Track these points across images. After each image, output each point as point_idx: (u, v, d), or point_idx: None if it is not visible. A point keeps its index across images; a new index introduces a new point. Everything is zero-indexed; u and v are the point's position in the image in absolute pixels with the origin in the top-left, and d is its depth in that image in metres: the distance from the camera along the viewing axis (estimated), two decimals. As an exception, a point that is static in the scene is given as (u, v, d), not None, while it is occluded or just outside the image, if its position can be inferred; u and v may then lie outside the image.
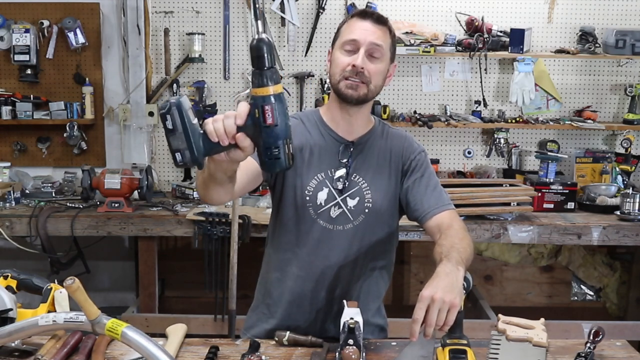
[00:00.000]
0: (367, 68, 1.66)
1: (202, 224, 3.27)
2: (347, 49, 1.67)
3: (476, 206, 3.29)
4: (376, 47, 1.67)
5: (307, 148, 1.75)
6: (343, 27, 1.72)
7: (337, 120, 1.77)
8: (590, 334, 1.63)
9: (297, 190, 1.73)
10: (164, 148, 3.98)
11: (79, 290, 1.29)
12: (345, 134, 1.77)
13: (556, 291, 4.11)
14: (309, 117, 1.82)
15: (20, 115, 3.76)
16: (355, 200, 1.74)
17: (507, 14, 3.85)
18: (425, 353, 1.57)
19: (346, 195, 1.74)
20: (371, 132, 1.80)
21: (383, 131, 1.82)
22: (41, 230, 3.27)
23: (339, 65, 1.68)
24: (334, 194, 1.73)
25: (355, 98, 1.69)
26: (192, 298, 3.96)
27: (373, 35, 1.66)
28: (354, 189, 1.74)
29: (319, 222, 1.74)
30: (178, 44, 3.89)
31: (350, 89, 1.67)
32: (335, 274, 1.75)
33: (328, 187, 1.73)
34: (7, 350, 1.58)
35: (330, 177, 1.74)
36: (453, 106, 3.95)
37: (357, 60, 1.65)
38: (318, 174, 1.74)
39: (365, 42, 1.66)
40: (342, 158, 1.75)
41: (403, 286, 4.09)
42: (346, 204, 1.74)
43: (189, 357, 1.60)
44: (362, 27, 1.67)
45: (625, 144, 3.80)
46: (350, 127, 1.77)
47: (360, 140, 1.77)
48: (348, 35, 1.68)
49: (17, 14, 3.78)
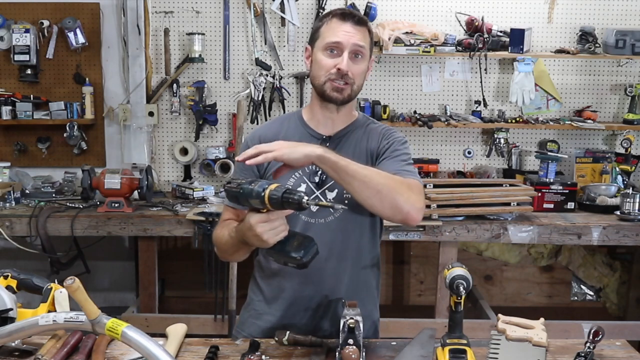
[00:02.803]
0: (351, 70, 1.70)
1: (202, 224, 3.27)
2: (330, 50, 1.71)
3: (476, 206, 3.29)
4: (359, 49, 1.71)
5: None
6: (323, 27, 1.74)
7: (318, 118, 1.80)
8: (590, 334, 1.63)
9: None
10: (164, 148, 3.98)
11: (79, 290, 1.29)
12: (324, 131, 1.80)
13: (556, 291, 4.11)
14: (290, 118, 1.87)
15: (20, 115, 3.76)
16: (334, 193, 1.75)
17: (507, 14, 3.85)
18: (425, 353, 1.58)
19: (325, 188, 1.75)
20: (351, 125, 1.82)
21: (363, 124, 1.84)
22: (41, 230, 3.27)
23: (323, 68, 1.72)
24: (312, 188, 1.75)
25: (340, 100, 1.74)
26: (192, 298, 3.96)
27: (355, 37, 1.70)
28: (332, 181, 1.73)
29: (300, 217, 1.75)
30: (178, 44, 3.89)
31: (335, 92, 1.72)
32: (321, 268, 1.74)
33: (305, 182, 1.75)
34: (7, 350, 1.58)
35: (307, 173, 1.76)
36: (453, 106, 3.95)
37: (342, 63, 1.69)
38: (295, 172, 1.75)
39: (349, 45, 1.70)
40: None
41: (403, 286, 4.09)
42: (325, 196, 1.75)
43: (189, 357, 1.60)
44: (344, 29, 1.70)
45: (625, 144, 3.80)
46: (332, 123, 1.80)
47: (338, 134, 1.80)
48: (330, 37, 1.71)
49: (17, 14, 3.78)
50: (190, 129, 3.96)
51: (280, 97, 3.87)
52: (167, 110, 3.93)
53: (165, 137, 3.98)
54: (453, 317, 1.48)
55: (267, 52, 3.88)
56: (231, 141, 3.91)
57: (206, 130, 3.93)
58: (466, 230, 3.28)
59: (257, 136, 1.82)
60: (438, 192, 3.28)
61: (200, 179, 3.96)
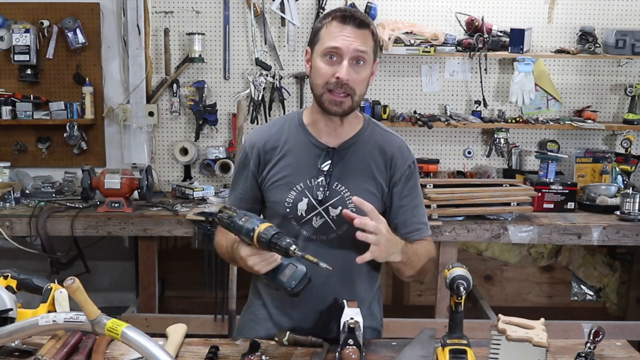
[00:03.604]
0: (351, 79, 1.60)
1: (202, 224, 3.27)
2: (329, 57, 1.61)
3: (476, 206, 3.29)
4: (360, 54, 1.60)
5: (285, 157, 1.71)
6: (322, 30, 1.63)
7: (320, 126, 1.71)
8: (590, 334, 1.63)
9: (278, 203, 1.70)
10: (164, 148, 3.98)
11: (79, 290, 1.29)
12: (327, 141, 1.71)
13: (556, 291, 4.11)
14: (290, 121, 1.76)
15: (20, 115, 3.76)
16: (337, 210, 1.67)
17: (507, 14, 3.85)
18: (425, 353, 1.58)
19: (328, 204, 1.67)
20: (356, 136, 1.73)
21: (372, 134, 1.75)
22: (41, 230, 3.27)
23: (322, 76, 1.61)
24: (314, 204, 1.67)
25: (339, 113, 1.65)
26: (192, 298, 3.96)
27: (356, 42, 1.59)
28: (336, 198, 1.67)
29: (302, 233, 1.70)
30: (178, 44, 3.89)
31: (334, 106, 1.62)
32: (323, 284, 1.70)
33: (307, 197, 1.68)
34: (7, 350, 1.58)
35: (309, 187, 1.68)
36: (453, 106, 3.95)
37: (341, 72, 1.58)
38: (297, 184, 1.68)
39: (349, 51, 1.59)
40: (321, 166, 1.68)
41: (403, 286, 4.09)
42: (328, 213, 1.68)
43: (189, 357, 1.60)
44: (344, 33, 1.59)
45: (625, 144, 3.80)
46: (335, 132, 1.71)
47: (343, 145, 1.71)
48: (329, 42, 1.60)
49: (17, 14, 3.78)
50: (190, 129, 3.95)
51: (280, 97, 3.87)
52: (167, 110, 3.93)
53: (165, 137, 3.98)
54: (453, 317, 1.48)
55: (267, 52, 3.88)
56: (231, 141, 3.91)
57: (206, 130, 3.93)
58: (466, 230, 3.28)
59: (253, 143, 1.75)
60: (438, 192, 3.28)
61: (200, 179, 3.96)
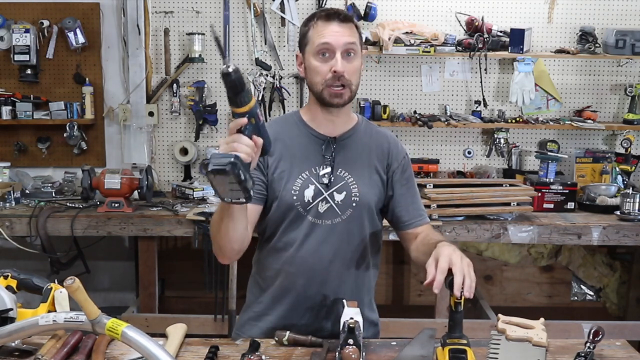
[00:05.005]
0: (346, 70, 1.68)
1: (202, 224, 3.27)
2: (322, 54, 1.69)
3: (476, 206, 3.29)
4: (350, 46, 1.69)
5: (290, 149, 1.76)
6: (310, 32, 1.71)
7: (319, 120, 1.79)
8: (590, 334, 1.63)
9: (284, 192, 1.74)
10: (164, 148, 3.98)
11: (79, 290, 1.29)
12: (327, 132, 1.79)
13: (556, 291, 4.11)
14: (288, 119, 1.85)
15: (20, 115, 3.76)
16: (342, 195, 1.76)
17: (507, 14, 3.85)
18: (425, 353, 1.58)
19: (333, 190, 1.75)
20: (354, 129, 1.82)
21: (367, 129, 1.85)
22: (41, 230, 3.27)
23: (319, 74, 1.70)
24: (321, 189, 1.75)
25: (341, 104, 1.73)
26: (192, 298, 3.96)
27: (344, 36, 1.68)
28: (340, 183, 1.76)
29: (307, 218, 1.75)
30: (178, 44, 3.89)
31: (336, 98, 1.71)
32: (326, 269, 1.76)
33: (314, 184, 1.75)
34: (7, 350, 1.58)
35: (315, 175, 1.75)
36: (453, 106, 3.95)
37: (336, 65, 1.67)
38: (302, 173, 1.75)
39: (340, 45, 1.67)
40: (325, 154, 1.77)
41: (403, 286, 4.10)
42: (333, 198, 1.75)
43: (189, 357, 1.60)
44: (331, 29, 1.68)
45: (625, 144, 3.80)
46: (333, 125, 1.79)
47: (343, 136, 1.80)
48: (319, 39, 1.68)
49: (17, 14, 3.78)
50: (190, 129, 3.96)
51: (280, 97, 3.87)
52: (167, 110, 3.93)
53: (165, 137, 3.98)
54: (453, 317, 1.48)
55: (267, 52, 3.88)
56: (231, 141, 3.91)
57: (206, 130, 3.93)
58: (466, 230, 3.28)
59: None
60: (438, 192, 3.28)
61: (200, 179, 3.96)
